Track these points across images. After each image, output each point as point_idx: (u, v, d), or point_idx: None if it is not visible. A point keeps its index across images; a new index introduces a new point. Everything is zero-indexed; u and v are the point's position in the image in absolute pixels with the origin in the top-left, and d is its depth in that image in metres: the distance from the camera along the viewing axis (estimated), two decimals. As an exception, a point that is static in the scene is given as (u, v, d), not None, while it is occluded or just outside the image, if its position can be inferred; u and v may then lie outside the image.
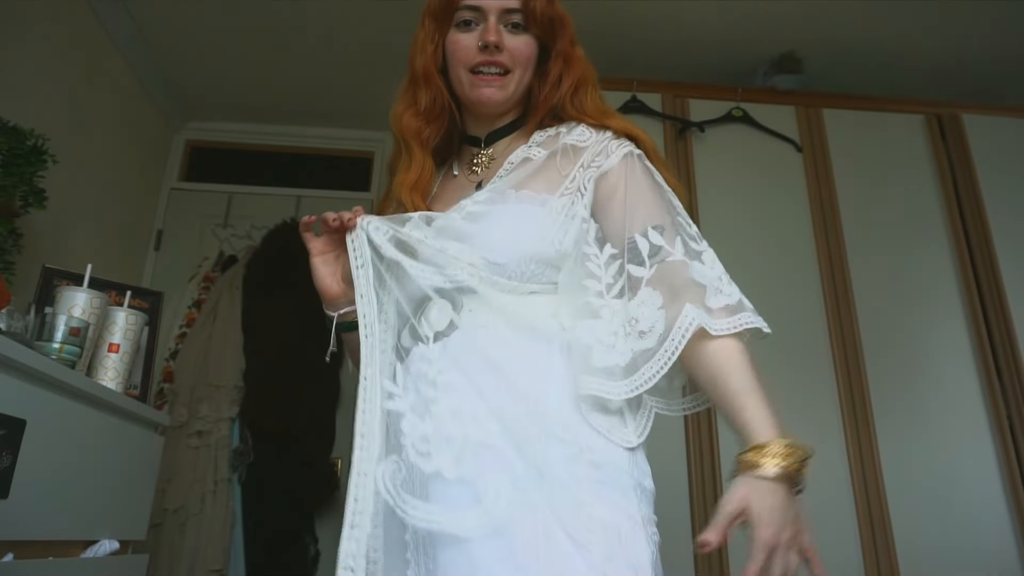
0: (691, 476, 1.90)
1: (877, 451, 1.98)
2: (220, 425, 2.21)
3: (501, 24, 0.96)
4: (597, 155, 0.94)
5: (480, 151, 1.03)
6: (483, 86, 0.96)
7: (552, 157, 0.95)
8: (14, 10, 1.89)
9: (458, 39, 0.97)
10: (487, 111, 1.00)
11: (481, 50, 0.95)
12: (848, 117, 2.39)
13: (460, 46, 0.96)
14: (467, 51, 0.96)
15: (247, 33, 2.49)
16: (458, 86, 0.99)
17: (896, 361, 2.10)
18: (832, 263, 2.18)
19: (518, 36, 0.96)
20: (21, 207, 1.68)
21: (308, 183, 3.03)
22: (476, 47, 0.95)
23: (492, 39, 0.93)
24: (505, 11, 0.95)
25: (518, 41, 0.96)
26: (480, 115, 1.02)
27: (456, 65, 0.98)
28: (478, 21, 0.96)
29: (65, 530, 1.27)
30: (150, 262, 2.80)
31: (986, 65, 2.59)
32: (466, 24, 0.97)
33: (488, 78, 0.96)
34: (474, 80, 0.96)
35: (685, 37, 2.46)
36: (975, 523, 1.93)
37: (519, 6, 0.96)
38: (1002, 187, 2.32)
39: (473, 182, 0.99)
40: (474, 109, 1.01)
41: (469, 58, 0.96)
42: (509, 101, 0.99)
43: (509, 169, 0.96)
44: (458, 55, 0.97)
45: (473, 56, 0.95)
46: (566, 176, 0.93)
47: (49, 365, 1.22)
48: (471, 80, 0.97)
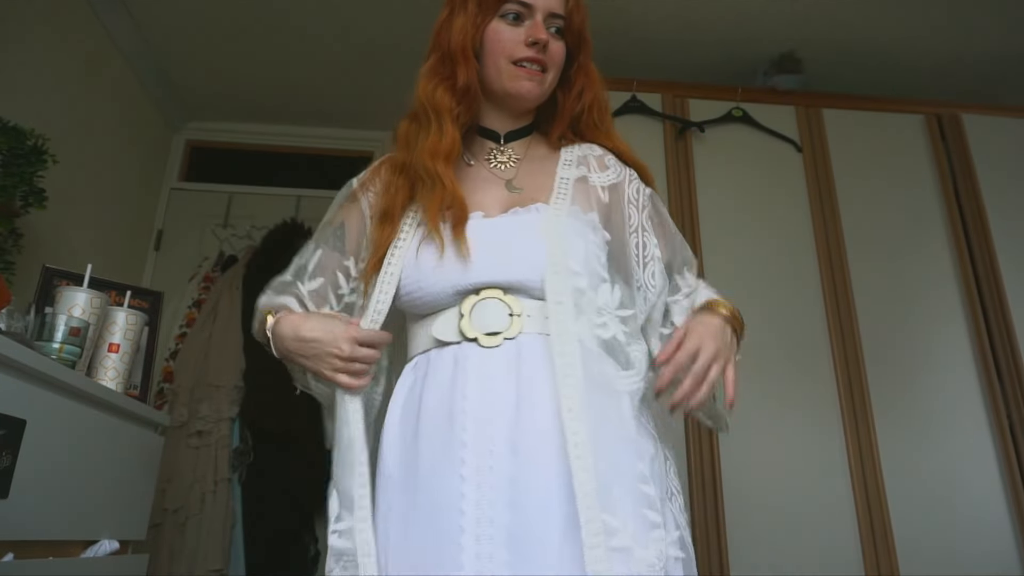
0: (691, 479, 1.90)
1: (877, 451, 1.97)
2: (220, 425, 2.21)
3: (546, 25, 0.99)
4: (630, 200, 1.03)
5: (498, 147, 1.05)
6: (524, 79, 0.98)
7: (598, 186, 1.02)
8: (14, 10, 1.89)
9: (503, 30, 0.99)
10: (519, 105, 1.03)
11: (529, 46, 0.97)
12: (848, 117, 2.39)
13: (505, 36, 0.98)
14: (513, 43, 0.98)
15: (247, 33, 2.49)
16: (494, 75, 1.00)
17: (896, 361, 2.10)
18: (832, 263, 2.18)
19: (557, 41, 1.01)
20: (21, 207, 1.68)
21: (308, 183, 3.03)
22: (523, 42, 0.98)
23: (543, 37, 0.97)
24: (551, 15, 1.00)
25: (557, 45, 1.00)
26: (505, 108, 1.04)
27: (497, 54, 0.99)
28: (525, 17, 0.99)
29: (65, 530, 1.27)
30: (150, 262, 2.80)
31: (986, 65, 2.59)
32: (514, 17, 0.99)
33: (531, 72, 0.98)
34: (516, 72, 0.98)
35: (685, 37, 2.47)
36: (975, 523, 1.93)
37: (563, 13, 1.01)
38: (1002, 187, 2.32)
39: (499, 177, 1.02)
40: (505, 101, 1.03)
41: (515, 51, 0.98)
42: (541, 98, 1.02)
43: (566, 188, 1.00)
44: (502, 44, 0.98)
45: (520, 50, 0.98)
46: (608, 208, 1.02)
47: (49, 365, 1.22)
48: (512, 72, 0.98)
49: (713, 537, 1.84)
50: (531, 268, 0.90)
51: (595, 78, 1.07)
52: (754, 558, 1.85)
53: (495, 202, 0.98)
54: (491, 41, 0.99)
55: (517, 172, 1.02)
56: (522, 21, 0.99)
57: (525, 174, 1.02)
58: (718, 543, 1.84)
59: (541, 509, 0.81)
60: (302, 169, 3.10)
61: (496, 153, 1.04)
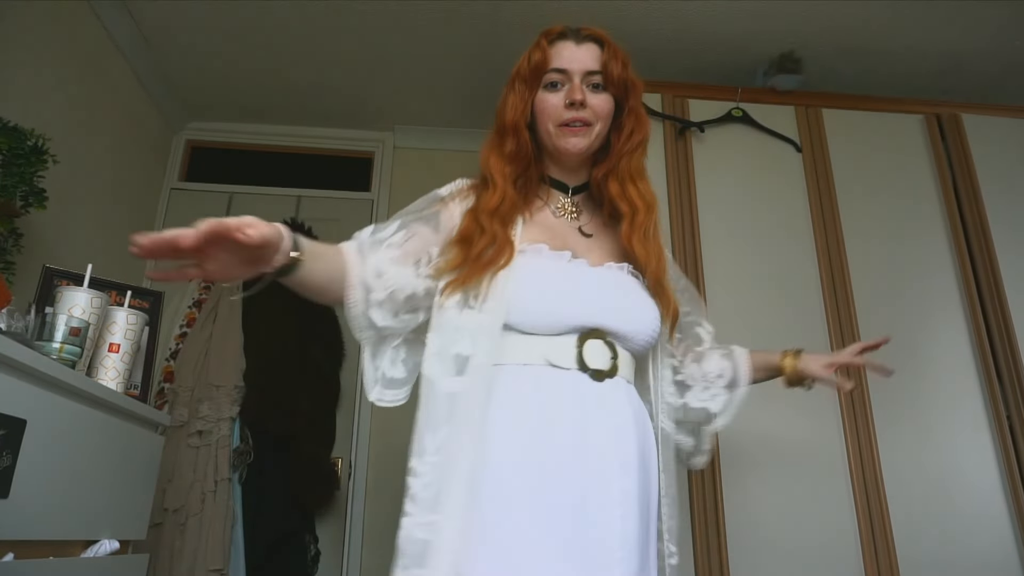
0: (691, 479, 1.90)
1: (877, 451, 1.98)
2: (220, 425, 2.21)
3: (584, 84, 1.12)
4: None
5: (567, 199, 1.20)
6: (569, 135, 1.12)
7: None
8: (14, 10, 1.89)
9: (547, 98, 1.13)
10: (571, 159, 1.16)
11: (568, 107, 1.11)
12: (848, 117, 2.39)
13: (549, 104, 1.13)
14: (555, 108, 1.12)
15: (247, 33, 2.49)
16: (547, 138, 1.15)
17: (896, 361, 2.07)
18: (832, 263, 2.18)
19: (598, 94, 1.13)
20: (21, 207, 1.68)
21: (308, 183, 3.04)
22: (563, 104, 1.11)
23: (578, 97, 1.10)
24: (588, 73, 1.12)
25: (599, 99, 1.13)
26: (564, 164, 1.18)
27: (545, 120, 1.13)
28: (564, 82, 1.12)
29: (65, 530, 1.27)
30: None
31: (986, 65, 2.59)
32: (553, 86, 1.13)
33: (574, 129, 1.12)
34: (562, 131, 1.12)
35: (685, 37, 2.47)
36: (975, 523, 1.94)
37: (599, 68, 1.13)
38: (1002, 187, 2.32)
39: (574, 228, 1.18)
40: (560, 158, 1.17)
41: (558, 114, 1.12)
42: (590, 149, 1.15)
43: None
44: (548, 112, 1.13)
45: (561, 112, 1.12)
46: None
47: (49, 365, 1.22)
48: (559, 132, 1.12)
49: (713, 537, 1.84)
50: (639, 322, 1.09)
51: (644, 120, 1.18)
52: (754, 558, 1.85)
53: (588, 251, 1.13)
54: (539, 111, 1.14)
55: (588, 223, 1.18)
56: (562, 87, 1.12)
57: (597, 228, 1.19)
58: (718, 543, 1.84)
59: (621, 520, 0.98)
60: (302, 169, 3.10)
61: (567, 203, 1.19)
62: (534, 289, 1.04)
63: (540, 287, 1.05)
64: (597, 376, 1.03)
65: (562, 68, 1.12)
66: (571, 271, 1.08)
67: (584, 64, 1.12)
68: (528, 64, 1.14)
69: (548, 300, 1.05)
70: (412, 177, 3.01)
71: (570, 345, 1.03)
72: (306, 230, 2.64)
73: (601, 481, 0.97)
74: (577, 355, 1.03)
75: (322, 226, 2.72)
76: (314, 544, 2.37)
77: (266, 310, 2.41)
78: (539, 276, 1.06)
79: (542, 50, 1.14)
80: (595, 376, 1.02)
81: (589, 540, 0.93)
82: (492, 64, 2.59)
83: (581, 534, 0.93)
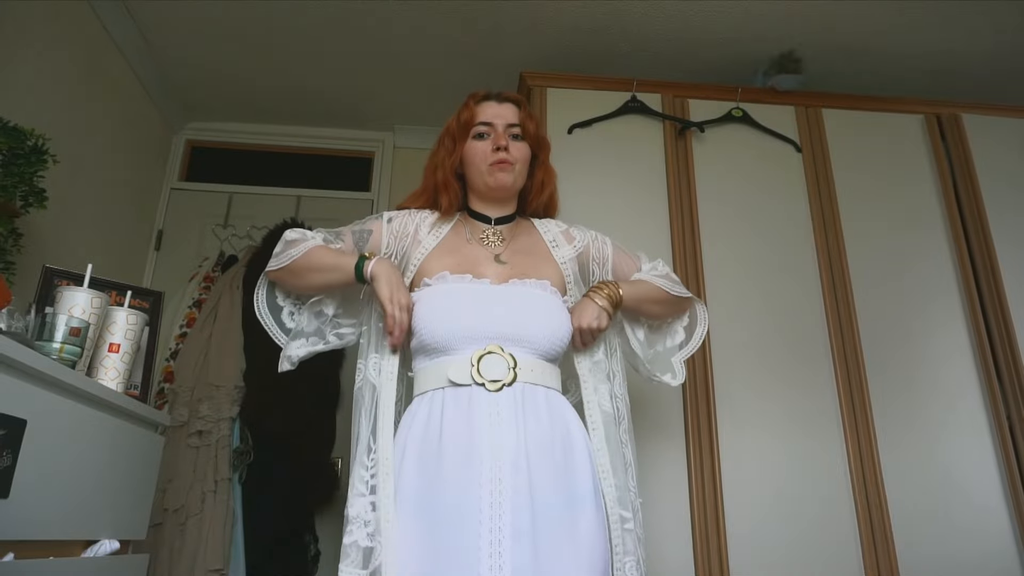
0: (691, 479, 1.90)
1: (877, 451, 1.97)
2: (220, 425, 2.21)
3: (506, 134, 1.35)
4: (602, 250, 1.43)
5: (491, 228, 1.37)
6: (498, 172, 1.33)
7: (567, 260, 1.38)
8: (14, 10, 1.89)
9: (476, 146, 1.35)
10: (499, 194, 1.36)
11: (495, 151, 1.32)
12: (848, 117, 2.39)
13: (478, 150, 1.34)
14: (484, 152, 1.34)
15: (247, 33, 2.49)
16: (477, 178, 1.35)
17: (896, 361, 2.10)
18: (832, 263, 2.18)
19: (518, 142, 1.36)
20: (21, 207, 1.68)
21: (308, 183, 3.04)
22: (491, 149, 1.33)
23: (503, 143, 1.33)
24: (508, 125, 1.36)
25: (518, 145, 1.36)
26: (491, 199, 1.38)
27: (476, 163, 1.34)
28: (489, 133, 1.35)
29: (65, 530, 1.27)
30: (150, 262, 2.80)
31: (986, 65, 2.59)
32: (480, 136, 1.35)
33: (502, 166, 1.32)
34: (492, 169, 1.33)
35: (685, 37, 2.47)
36: (975, 524, 1.93)
37: (518, 122, 1.37)
38: (1002, 187, 2.32)
39: (492, 252, 1.33)
40: (489, 194, 1.37)
41: (487, 156, 1.33)
42: (515, 186, 1.36)
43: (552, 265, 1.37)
44: (478, 156, 1.34)
45: (490, 155, 1.33)
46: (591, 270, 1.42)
47: (49, 365, 1.22)
48: (490, 170, 1.33)
49: (713, 538, 1.84)
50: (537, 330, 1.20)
51: (552, 173, 1.44)
52: (754, 559, 1.85)
53: (494, 273, 1.28)
54: (470, 158, 1.35)
55: (506, 250, 1.33)
56: (487, 136, 1.35)
57: (513, 252, 1.33)
58: (718, 543, 1.84)
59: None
60: (302, 169, 3.10)
61: (489, 234, 1.36)
62: (435, 311, 1.20)
63: (439, 310, 1.20)
64: (494, 387, 1.14)
65: (487, 121, 1.35)
66: (470, 291, 1.23)
67: (505, 118, 1.36)
68: (457, 122, 1.37)
69: (445, 321, 1.18)
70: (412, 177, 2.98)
71: (466, 362, 1.16)
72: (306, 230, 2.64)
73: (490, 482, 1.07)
74: (473, 371, 1.15)
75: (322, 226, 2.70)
76: (314, 544, 2.37)
77: (266, 310, 2.41)
78: (439, 299, 1.22)
79: (470, 109, 1.37)
80: (491, 388, 1.14)
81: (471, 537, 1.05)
82: (492, 64, 2.59)
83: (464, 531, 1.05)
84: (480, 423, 1.12)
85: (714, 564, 1.82)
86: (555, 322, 1.23)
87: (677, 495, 1.88)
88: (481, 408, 1.13)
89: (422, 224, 1.36)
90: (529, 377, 1.18)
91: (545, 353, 1.21)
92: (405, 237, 1.33)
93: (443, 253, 1.31)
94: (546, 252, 1.36)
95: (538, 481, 1.10)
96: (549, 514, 1.08)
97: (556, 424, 1.17)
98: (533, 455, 1.11)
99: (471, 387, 1.15)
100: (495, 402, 1.13)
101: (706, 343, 2.04)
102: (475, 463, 1.09)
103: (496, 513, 1.05)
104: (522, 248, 1.35)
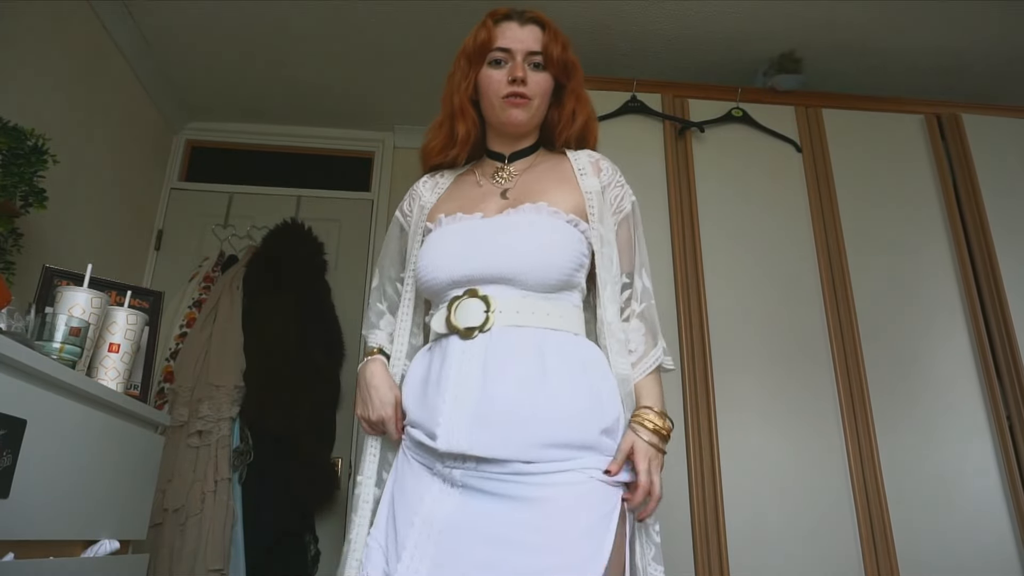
0: (691, 479, 1.90)
1: (877, 451, 1.98)
2: (220, 425, 2.21)
3: (525, 63, 1.19)
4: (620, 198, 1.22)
5: (503, 166, 1.25)
6: (511, 108, 1.19)
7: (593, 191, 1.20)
8: (14, 10, 1.89)
9: (491, 74, 1.20)
10: (514, 131, 1.23)
11: (510, 83, 1.18)
12: (848, 117, 2.39)
13: (493, 79, 1.20)
14: (499, 83, 1.19)
15: (247, 33, 2.49)
16: (490, 111, 1.22)
17: (896, 361, 2.10)
18: (832, 263, 2.18)
19: (539, 73, 1.20)
20: (21, 207, 1.68)
21: (308, 183, 3.04)
22: (506, 80, 1.18)
23: (520, 74, 1.17)
24: (529, 53, 1.20)
25: (539, 77, 1.20)
26: (505, 135, 1.25)
27: (490, 95, 1.20)
28: (507, 60, 1.20)
29: (65, 530, 1.27)
30: (150, 262, 2.80)
31: (986, 65, 2.60)
32: (497, 63, 1.20)
33: (515, 102, 1.18)
34: (504, 104, 1.19)
35: (685, 37, 2.47)
36: (975, 523, 1.94)
37: (540, 49, 1.20)
38: (1002, 187, 2.32)
39: (498, 190, 1.21)
40: (502, 129, 1.24)
41: (501, 88, 1.19)
42: (531, 123, 1.22)
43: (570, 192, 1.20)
44: (492, 87, 1.20)
45: (504, 87, 1.18)
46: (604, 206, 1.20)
47: (49, 365, 1.22)
48: (502, 104, 1.19)
49: (713, 537, 1.84)
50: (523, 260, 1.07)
51: (585, 100, 1.27)
52: (754, 558, 1.85)
53: (493, 208, 1.16)
54: (484, 85, 1.21)
55: (515, 184, 1.21)
56: (505, 64, 1.20)
57: (525, 183, 1.20)
58: (718, 543, 1.84)
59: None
60: (302, 169, 3.10)
61: (500, 171, 1.24)
62: (422, 263, 1.15)
63: (425, 260, 1.14)
64: (467, 334, 1.06)
65: (505, 47, 1.19)
66: (456, 232, 1.14)
67: (526, 44, 1.20)
68: (474, 43, 1.22)
69: (430, 270, 1.12)
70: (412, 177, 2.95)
71: (444, 310, 1.10)
72: (306, 230, 2.64)
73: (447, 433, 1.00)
74: (447, 319, 1.09)
75: (322, 226, 2.72)
76: (314, 544, 2.37)
77: (266, 310, 2.41)
78: (427, 250, 1.15)
79: (487, 30, 1.21)
80: (464, 335, 1.06)
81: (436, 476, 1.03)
82: (492, 64, 2.59)
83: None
84: (447, 374, 1.04)
85: (714, 563, 1.82)
86: (547, 251, 1.08)
87: (677, 494, 1.88)
88: (452, 358, 1.05)
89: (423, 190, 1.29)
90: (513, 320, 1.05)
91: (539, 287, 1.07)
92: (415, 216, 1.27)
93: (445, 201, 1.23)
94: (570, 179, 1.20)
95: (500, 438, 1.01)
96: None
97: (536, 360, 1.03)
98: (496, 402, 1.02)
99: (448, 337, 1.08)
100: (466, 350, 1.05)
101: (706, 342, 2.04)
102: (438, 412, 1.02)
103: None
104: (539, 177, 1.21)
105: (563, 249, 1.09)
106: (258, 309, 2.41)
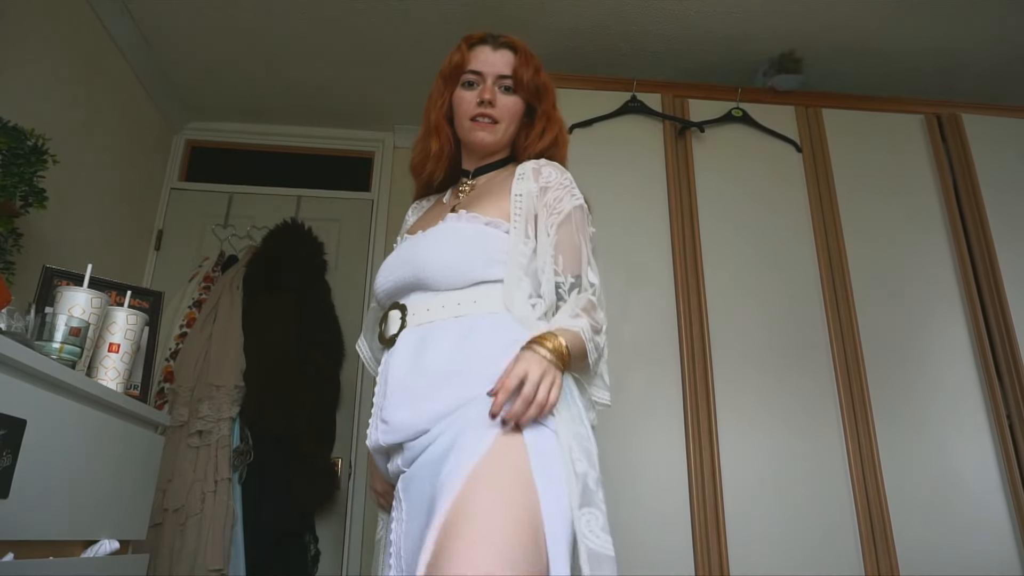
0: (691, 478, 1.90)
1: (877, 451, 1.98)
2: (220, 425, 2.21)
3: (496, 86, 1.26)
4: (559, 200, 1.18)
5: (466, 181, 1.31)
6: (478, 130, 1.26)
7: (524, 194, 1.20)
8: (14, 10, 1.89)
9: (463, 95, 1.28)
10: (479, 150, 1.29)
11: (478, 105, 1.25)
12: (848, 117, 2.39)
13: (464, 100, 1.27)
14: (469, 104, 1.26)
15: (247, 33, 2.49)
16: (460, 130, 1.29)
17: (896, 361, 2.10)
18: (832, 263, 2.18)
19: (508, 96, 1.27)
20: (21, 207, 1.68)
21: (308, 183, 3.04)
22: (475, 102, 1.26)
23: (487, 97, 1.25)
24: (499, 76, 1.26)
25: (508, 100, 1.27)
26: (474, 153, 1.31)
27: (460, 115, 1.28)
28: (478, 83, 1.27)
29: (65, 530, 1.27)
30: (150, 262, 2.80)
31: (986, 65, 2.60)
32: (469, 84, 1.28)
33: (482, 124, 1.25)
34: (472, 126, 1.26)
35: (685, 37, 2.47)
36: (975, 523, 1.94)
37: (510, 73, 1.26)
38: (1002, 187, 2.32)
39: (451, 206, 1.26)
40: (470, 148, 1.30)
41: (470, 109, 1.26)
42: (498, 144, 1.28)
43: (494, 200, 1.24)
44: (462, 107, 1.27)
45: (473, 108, 1.26)
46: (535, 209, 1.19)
47: (49, 365, 1.22)
48: (470, 126, 1.26)
49: (713, 537, 1.84)
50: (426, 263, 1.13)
51: (556, 120, 1.31)
52: (754, 558, 1.85)
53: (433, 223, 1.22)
54: (456, 105, 1.29)
55: (465, 198, 1.26)
56: (476, 86, 1.27)
57: (474, 197, 1.25)
58: (718, 543, 1.84)
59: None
60: (302, 169, 3.10)
61: (462, 186, 1.30)
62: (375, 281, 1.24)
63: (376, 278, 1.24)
64: (390, 343, 1.14)
65: (477, 70, 1.27)
66: (396, 252, 1.24)
67: (497, 68, 1.26)
68: (449, 65, 1.30)
69: (376, 287, 1.22)
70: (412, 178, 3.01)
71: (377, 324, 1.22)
72: (306, 230, 2.64)
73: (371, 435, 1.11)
74: (379, 333, 1.19)
75: (322, 226, 2.72)
76: (314, 544, 2.37)
77: (266, 310, 2.41)
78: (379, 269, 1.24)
79: (462, 53, 1.29)
80: (388, 344, 1.15)
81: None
82: (492, 64, 2.59)
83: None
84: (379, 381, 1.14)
85: (714, 563, 1.82)
86: (447, 253, 1.12)
87: (677, 493, 1.88)
88: (383, 366, 1.15)
89: (409, 214, 1.39)
90: (424, 318, 1.11)
91: (448, 286, 1.11)
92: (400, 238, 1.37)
93: (417, 221, 1.32)
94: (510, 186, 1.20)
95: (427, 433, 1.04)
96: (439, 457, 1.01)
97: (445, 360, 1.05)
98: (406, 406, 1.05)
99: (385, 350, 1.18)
100: (389, 356, 1.14)
101: (706, 342, 2.04)
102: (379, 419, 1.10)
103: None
104: (487, 189, 1.24)
105: (467, 250, 1.12)
106: (258, 309, 2.41)
